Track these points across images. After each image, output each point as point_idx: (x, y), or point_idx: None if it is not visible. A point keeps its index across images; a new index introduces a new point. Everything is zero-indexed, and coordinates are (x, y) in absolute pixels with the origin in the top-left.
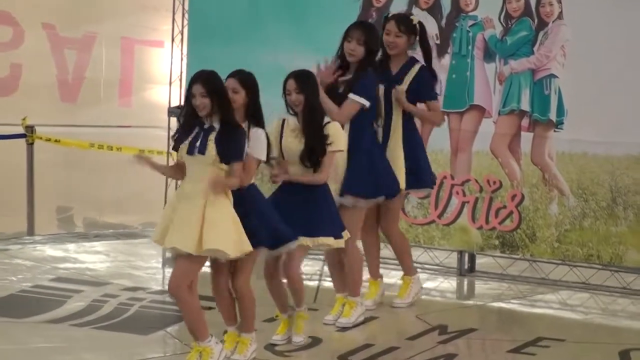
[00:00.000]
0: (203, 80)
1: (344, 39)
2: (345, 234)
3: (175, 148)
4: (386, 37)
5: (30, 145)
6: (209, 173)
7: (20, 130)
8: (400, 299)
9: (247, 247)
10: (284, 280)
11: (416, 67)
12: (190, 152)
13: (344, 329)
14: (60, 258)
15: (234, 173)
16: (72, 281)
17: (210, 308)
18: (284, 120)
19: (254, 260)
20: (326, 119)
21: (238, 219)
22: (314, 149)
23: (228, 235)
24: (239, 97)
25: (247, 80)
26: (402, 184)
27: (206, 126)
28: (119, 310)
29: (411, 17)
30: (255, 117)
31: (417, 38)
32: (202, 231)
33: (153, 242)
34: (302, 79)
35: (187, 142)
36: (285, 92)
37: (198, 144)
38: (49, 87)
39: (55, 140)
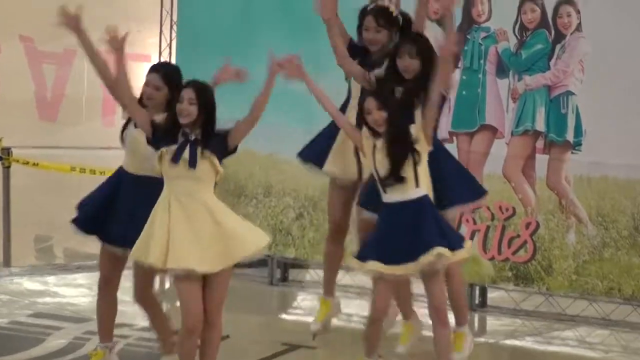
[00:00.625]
0: (197, 88)
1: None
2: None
3: (156, 145)
4: (365, 34)
5: (7, 168)
6: (200, 188)
7: None
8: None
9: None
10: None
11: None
12: (175, 159)
13: None
14: (38, 292)
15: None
16: (52, 317)
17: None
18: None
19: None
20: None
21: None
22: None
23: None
24: (159, 95)
25: (171, 76)
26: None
27: (192, 137)
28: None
29: (390, 9)
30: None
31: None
32: (226, 244)
33: (152, 265)
34: (381, 95)
35: (172, 149)
36: (365, 112)
37: (186, 155)
38: (26, 105)
39: (34, 164)
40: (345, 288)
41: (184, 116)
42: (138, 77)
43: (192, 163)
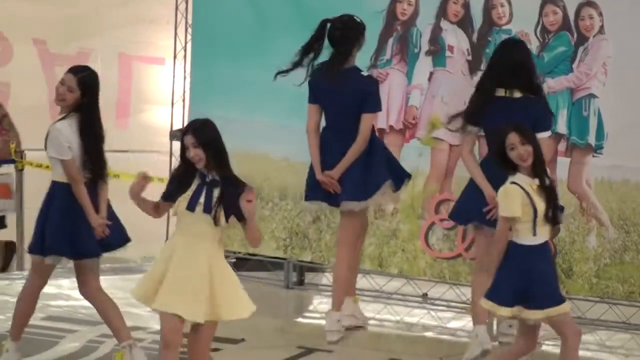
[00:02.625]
0: (194, 129)
1: None
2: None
3: (171, 199)
4: None
5: (20, 171)
6: (211, 232)
7: (9, 155)
8: None
9: (252, 307)
10: None
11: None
12: (190, 208)
13: None
14: (52, 295)
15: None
16: (65, 320)
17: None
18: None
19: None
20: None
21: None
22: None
23: (241, 300)
24: (72, 97)
25: (87, 81)
26: None
27: (208, 179)
28: (116, 351)
29: (354, 16)
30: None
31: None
32: (214, 299)
33: (137, 299)
34: (523, 129)
35: (186, 196)
36: (509, 148)
37: (202, 200)
38: (39, 108)
39: (47, 166)
40: (361, 291)
41: (197, 162)
42: (152, 80)
43: (207, 208)
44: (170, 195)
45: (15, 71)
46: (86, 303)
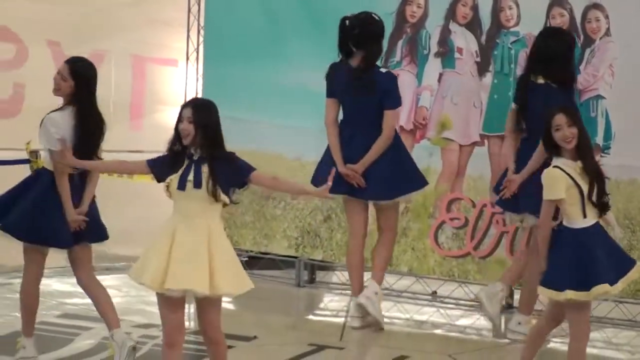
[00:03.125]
0: (195, 105)
1: None
2: None
3: (161, 179)
4: None
5: (35, 171)
6: (207, 208)
7: (24, 155)
8: None
9: (249, 284)
10: None
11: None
12: (181, 187)
13: None
14: (67, 293)
15: (266, 180)
16: (80, 318)
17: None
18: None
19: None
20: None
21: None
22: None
23: (237, 275)
24: (65, 86)
25: (80, 70)
26: None
27: (195, 157)
28: (132, 348)
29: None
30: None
31: None
32: (213, 272)
33: (147, 287)
34: (570, 111)
35: (177, 175)
36: (554, 128)
37: (191, 177)
38: (53, 109)
39: None
40: None
41: (184, 136)
42: (165, 82)
43: (197, 184)
44: (161, 174)
45: (30, 72)
46: None
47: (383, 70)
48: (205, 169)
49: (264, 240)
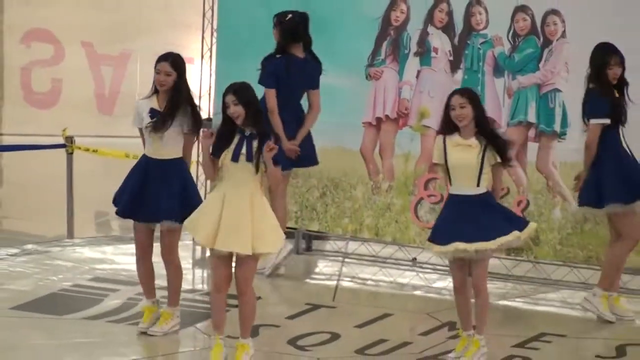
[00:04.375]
0: (235, 90)
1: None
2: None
3: (217, 154)
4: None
5: (70, 154)
6: (252, 178)
7: (61, 140)
8: None
9: (281, 242)
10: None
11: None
12: (235, 159)
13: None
14: (97, 259)
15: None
16: (108, 281)
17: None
18: (444, 139)
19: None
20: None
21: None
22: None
23: (273, 236)
24: (169, 79)
25: (178, 63)
26: None
27: (247, 133)
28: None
29: (287, 13)
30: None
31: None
32: (254, 233)
33: (201, 244)
34: (466, 93)
35: (230, 149)
36: (450, 108)
37: (244, 150)
38: (87, 101)
39: (93, 150)
40: (361, 256)
41: (236, 117)
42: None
43: (249, 157)
44: (217, 150)
45: (66, 69)
46: (127, 266)
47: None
48: (255, 144)
49: None
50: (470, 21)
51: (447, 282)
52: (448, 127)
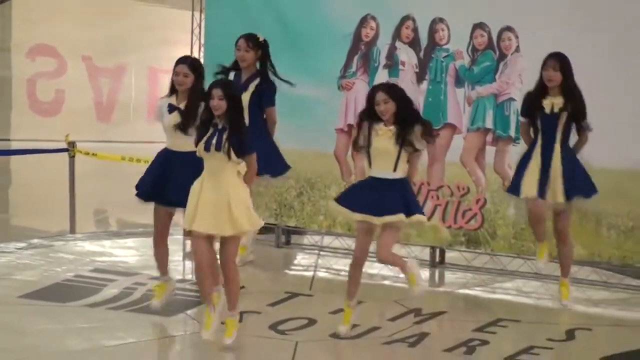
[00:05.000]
0: (222, 85)
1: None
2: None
3: (196, 145)
4: (237, 52)
5: (72, 158)
6: (227, 166)
7: (63, 145)
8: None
9: (259, 223)
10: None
11: (256, 80)
12: (206, 149)
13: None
14: (97, 252)
15: (252, 163)
16: (107, 272)
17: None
18: (369, 125)
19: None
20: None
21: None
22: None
23: (250, 217)
24: (188, 80)
25: (196, 66)
26: None
27: (220, 127)
28: (147, 296)
29: (257, 35)
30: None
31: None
32: (232, 215)
33: (186, 228)
34: (388, 89)
35: (203, 141)
36: (375, 104)
37: (214, 141)
38: (87, 109)
39: (93, 154)
40: (335, 250)
41: (216, 109)
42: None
43: (218, 146)
44: (196, 141)
45: (68, 81)
46: (124, 258)
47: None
48: (225, 135)
49: None
50: (434, 37)
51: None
52: (372, 117)
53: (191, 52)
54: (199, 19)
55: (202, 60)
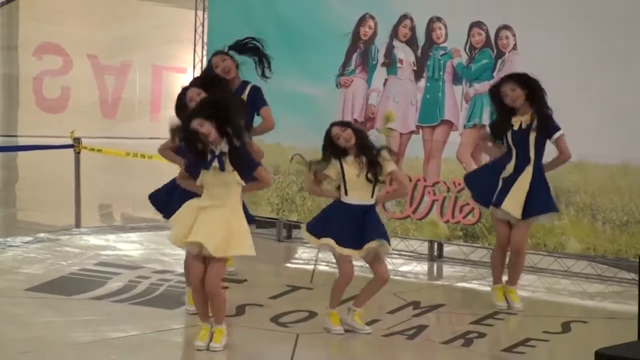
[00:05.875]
0: (202, 109)
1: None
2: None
3: (195, 175)
4: (217, 70)
5: (77, 154)
6: (228, 193)
7: (69, 141)
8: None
9: (252, 251)
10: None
11: (247, 88)
12: (206, 167)
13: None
14: (102, 246)
15: (261, 176)
16: (112, 265)
17: (226, 287)
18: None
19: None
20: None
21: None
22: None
23: (248, 239)
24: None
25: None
26: None
27: (217, 152)
28: (150, 289)
29: (222, 48)
30: None
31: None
32: (228, 237)
33: (172, 243)
34: (341, 123)
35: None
36: (335, 139)
37: (216, 164)
38: (92, 106)
39: (98, 150)
40: None
41: (207, 137)
42: (177, 85)
43: (221, 167)
44: (193, 172)
45: (74, 78)
46: (128, 252)
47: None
48: (226, 159)
49: (252, 205)
50: (432, 35)
51: (412, 267)
52: (338, 152)
53: (194, 49)
54: (202, 17)
55: (205, 58)
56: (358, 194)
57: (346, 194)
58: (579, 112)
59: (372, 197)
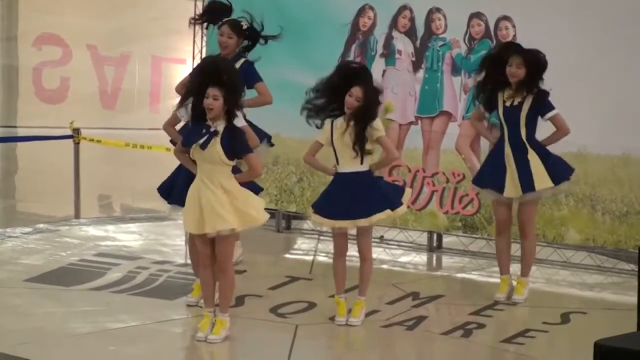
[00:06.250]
0: (219, 82)
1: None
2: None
3: (188, 145)
4: (220, 38)
5: (77, 144)
6: (217, 171)
7: (69, 132)
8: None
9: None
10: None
11: (241, 61)
12: (202, 147)
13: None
14: (101, 237)
15: (252, 164)
16: (111, 256)
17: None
18: (332, 122)
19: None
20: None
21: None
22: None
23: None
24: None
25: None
26: None
27: (212, 130)
28: (149, 279)
29: (241, 22)
30: None
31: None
32: (235, 210)
33: (190, 232)
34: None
35: (198, 143)
36: (348, 95)
37: (201, 141)
38: (92, 97)
39: (97, 141)
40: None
41: (209, 110)
42: (176, 76)
43: (204, 146)
44: (186, 143)
45: (73, 69)
46: (127, 243)
47: None
48: (216, 139)
49: None
50: (431, 26)
51: (411, 257)
52: (338, 111)
53: (194, 40)
54: (202, 8)
55: (204, 48)
56: (348, 162)
57: (338, 162)
58: (579, 102)
59: (361, 163)
